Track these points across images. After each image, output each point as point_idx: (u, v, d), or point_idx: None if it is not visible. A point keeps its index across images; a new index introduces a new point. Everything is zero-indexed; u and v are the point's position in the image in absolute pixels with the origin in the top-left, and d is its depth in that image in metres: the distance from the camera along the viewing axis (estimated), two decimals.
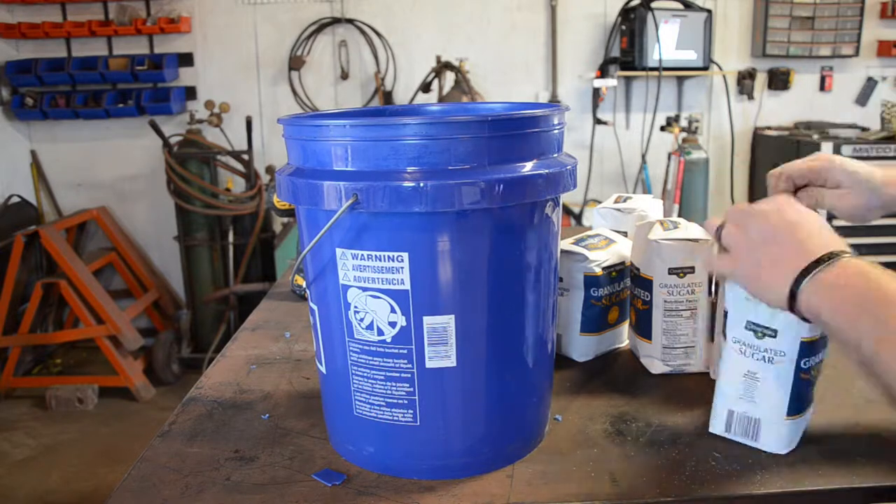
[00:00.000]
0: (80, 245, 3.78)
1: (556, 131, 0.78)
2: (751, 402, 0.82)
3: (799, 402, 0.80)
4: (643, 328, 1.04)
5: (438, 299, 0.73)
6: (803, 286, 0.67)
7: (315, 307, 0.81)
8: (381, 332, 0.75)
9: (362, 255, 0.73)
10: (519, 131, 0.73)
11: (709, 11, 3.63)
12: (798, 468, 0.78)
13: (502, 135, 0.71)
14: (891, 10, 3.77)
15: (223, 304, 3.62)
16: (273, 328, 1.28)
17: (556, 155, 0.78)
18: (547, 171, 0.73)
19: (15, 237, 3.29)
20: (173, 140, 3.50)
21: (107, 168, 3.87)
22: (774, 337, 0.78)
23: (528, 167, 0.72)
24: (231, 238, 3.62)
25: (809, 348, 0.78)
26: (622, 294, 1.11)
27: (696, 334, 1.01)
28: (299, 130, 0.76)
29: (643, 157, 3.77)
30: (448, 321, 0.74)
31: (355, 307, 0.75)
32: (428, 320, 0.73)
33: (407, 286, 0.72)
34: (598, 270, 1.05)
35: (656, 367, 1.04)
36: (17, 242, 3.28)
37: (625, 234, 1.20)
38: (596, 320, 1.08)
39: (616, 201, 1.28)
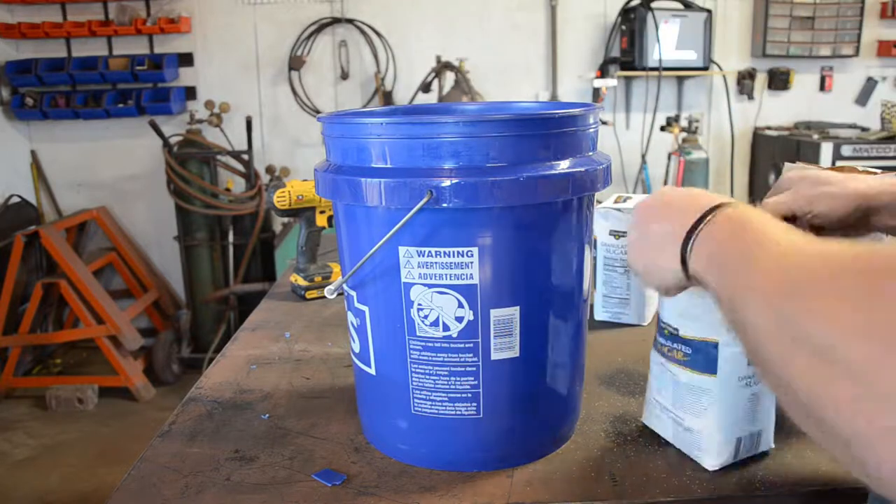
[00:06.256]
0: (80, 245, 3.78)
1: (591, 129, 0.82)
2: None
3: None
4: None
5: (505, 292, 0.75)
6: (690, 250, 0.58)
7: (364, 308, 0.80)
8: (446, 328, 0.75)
9: (430, 251, 0.73)
10: (576, 129, 0.76)
11: (709, 11, 3.63)
12: (798, 468, 0.78)
13: (565, 132, 0.75)
14: (891, 10, 3.77)
15: (223, 304, 3.62)
16: (273, 328, 1.28)
17: (591, 153, 0.80)
18: (597, 167, 0.77)
19: (15, 237, 3.29)
20: (173, 140, 3.51)
21: (107, 168, 3.87)
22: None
23: (578, 163, 0.75)
24: (231, 238, 3.63)
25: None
26: None
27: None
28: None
29: (643, 157, 3.77)
30: (513, 313, 0.76)
31: (419, 304, 0.75)
32: (495, 313, 0.75)
33: (476, 280, 0.74)
34: None
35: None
36: (17, 242, 3.28)
37: (624, 234, 1.20)
38: None
39: (616, 201, 1.28)
